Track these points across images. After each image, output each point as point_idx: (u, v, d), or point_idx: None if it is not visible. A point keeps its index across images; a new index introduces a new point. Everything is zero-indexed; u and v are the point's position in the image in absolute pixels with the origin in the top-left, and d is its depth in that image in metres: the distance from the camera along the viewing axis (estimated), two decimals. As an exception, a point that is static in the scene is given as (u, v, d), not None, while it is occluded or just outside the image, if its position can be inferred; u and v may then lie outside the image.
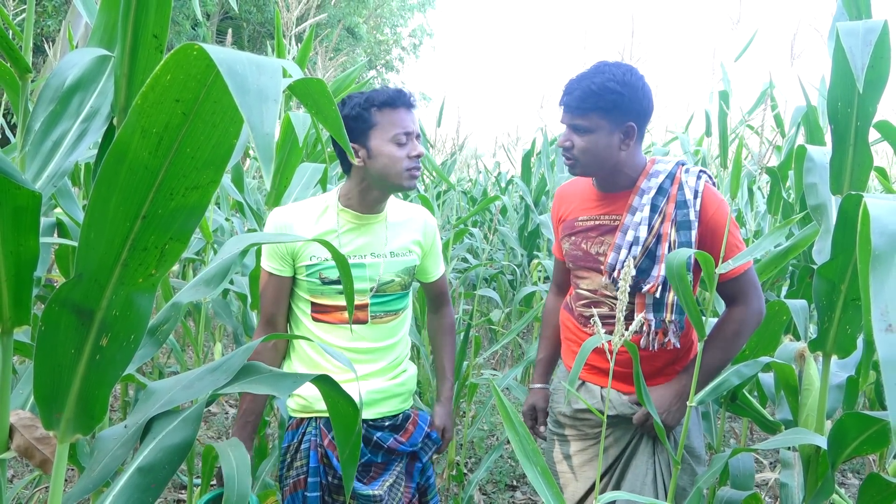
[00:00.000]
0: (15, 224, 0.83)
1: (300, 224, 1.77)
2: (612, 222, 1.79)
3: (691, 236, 1.68)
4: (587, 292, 1.85)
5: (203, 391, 1.05)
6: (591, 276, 1.83)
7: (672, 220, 1.70)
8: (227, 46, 1.52)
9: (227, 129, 0.73)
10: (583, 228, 1.85)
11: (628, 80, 1.67)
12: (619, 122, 1.69)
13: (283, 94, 0.83)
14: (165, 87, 0.68)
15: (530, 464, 1.18)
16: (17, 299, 0.88)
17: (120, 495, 0.94)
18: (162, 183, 0.75)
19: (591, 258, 1.82)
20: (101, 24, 1.00)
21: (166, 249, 0.80)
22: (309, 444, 1.78)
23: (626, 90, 1.66)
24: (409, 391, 1.90)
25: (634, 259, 1.70)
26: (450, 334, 2.08)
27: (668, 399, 1.74)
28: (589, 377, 1.88)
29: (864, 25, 1.32)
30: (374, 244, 1.80)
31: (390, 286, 1.81)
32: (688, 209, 1.69)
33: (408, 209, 1.92)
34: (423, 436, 1.88)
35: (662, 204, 1.72)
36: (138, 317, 0.85)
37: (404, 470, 1.85)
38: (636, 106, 1.69)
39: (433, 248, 1.95)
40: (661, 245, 1.70)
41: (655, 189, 1.72)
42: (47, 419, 0.88)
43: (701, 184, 1.73)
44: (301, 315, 1.81)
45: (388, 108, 1.70)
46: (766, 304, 1.80)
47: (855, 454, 1.48)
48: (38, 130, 0.91)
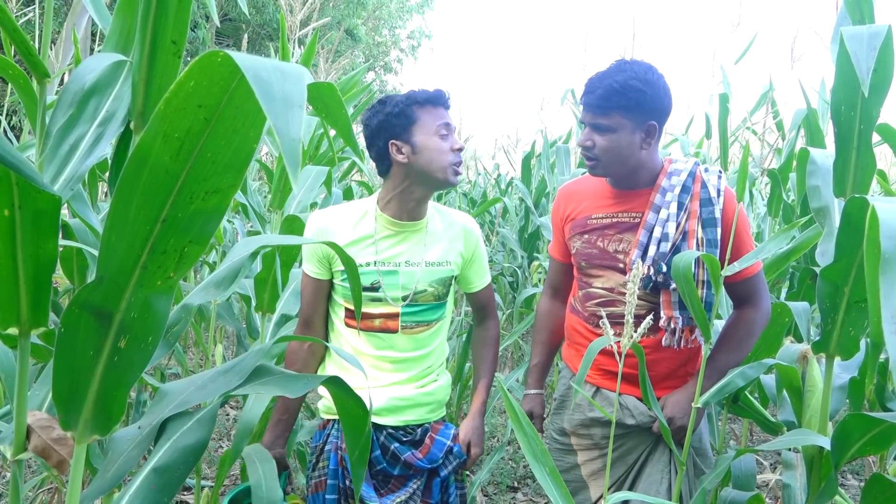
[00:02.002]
0: (35, 227, 0.84)
1: (338, 228, 1.75)
2: (631, 220, 1.77)
3: (717, 233, 1.69)
4: (602, 290, 1.82)
5: (216, 392, 1.06)
6: (607, 274, 1.81)
7: (698, 218, 1.71)
8: (230, 49, 1.51)
9: (248, 133, 0.74)
10: (598, 226, 1.82)
11: (650, 78, 1.66)
12: (642, 121, 1.68)
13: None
14: (189, 92, 0.69)
15: (539, 464, 1.19)
16: (35, 302, 0.89)
17: (136, 495, 0.96)
18: (182, 187, 0.76)
19: (609, 256, 1.80)
20: (116, 28, 1.02)
21: (185, 252, 0.81)
22: (331, 447, 1.77)
23: (648, 88, 1.65)
24: (437, 401, 1.85)
25: (664, 256, 1.70)
26: (490, 347, 1.99)
27: (684, 404, 1.72)
28: (604, 383, 1.84)
29: (869, 30, 1.33)
30: (411, 252, 1.77)
31: (423, 296, 1.78)
32: (713, 206, 1.70)
33: (449, 216, 1.88)
34: (443, 451, 1.81)
35: (687, 201, 1.72)
36: (156, 319, 0.86)
37: (423, 486, 1.81)
38: (658, 104, 1.68)
39: (475, 256, 1.89)
40: (686, 242, 1.70)
41: (680, 187, 1.72)
42: (65, 420, 0.89)
43: (722, 183, 1.74)
44: (336, 319, 1.81)
45: (429, 104, 1.71)
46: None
47: (858, 455, 1.49)
48: (56, 135, 0.92)
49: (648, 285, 1.73)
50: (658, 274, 1.70)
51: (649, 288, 1.74)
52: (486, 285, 1.94)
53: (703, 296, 1.70)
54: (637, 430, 1.78)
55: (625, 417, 1.78)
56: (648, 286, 1.73)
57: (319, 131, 2.88)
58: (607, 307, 1.81)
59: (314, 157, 2.94)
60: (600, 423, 1.83)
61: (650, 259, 1.70)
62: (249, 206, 2.91)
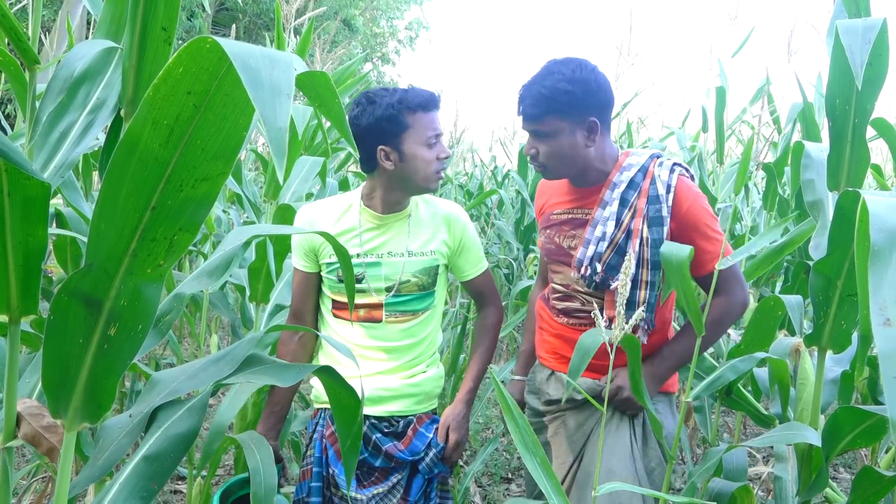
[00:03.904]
0: (24, 214, 0.83)
1: (322, 222, 1.77)
2: (584, 216, 1.76)
3: (663, 232, 1.64)
4: (560, 286, 1.82)
5: (207, 381, 1.06)
6: (563, 270, 1.80)
7: (643, 216, 1.66)
8: (228, 38, 1.49)
9: (238, 121, 0.74)
10: (557, 222, 1.82)
11: (578, 76, 1.63)
12: (579, 120, 1.65)
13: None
14: (178, 79, 0.68)
15: (530, 454, 1.19)
16: (24, 289, 0.89)
17: (126, 483, 0.96)
18: (172, 174, 0.76)
19: (564, 252, 1.79)
20: (107, 15, 1.01)
21: (175, 240, 0.81)
22: (318, 435, 1.79)
23: (577, 87, 1.62)
24: (424, 393, 1.83)
25: (601, 255, 1.67)
26: (485, 334, 1.95)
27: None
28: (558, 366, 1.85)
29: (864, 23, 1.33)
30: (394, 243, 1.77)
31: (406, 286, 1.77)
32: (660, 204, 1.65)
33: (434, 205, 1.87)
34: (426, 444, 1.79)
35: (633, 198, 1.68)
36: (146, 307, 0.86)
37: (404, 482, 1.79)
38: (592, 101, 1.65)
39: (463, 244, 1.87)
40: (631, 241, 1.66)
41: (626, 183, 1.68)
42: (55, 408, 0.89)
43: (674, 178, 1.67)
44: (325, 311, 1.82)
45: (421, 110, 1.69)
46: (761, 300, 1.79)
47: (849, 448, 1.50)
48: (45, 122, 0.91)
49: (591, 284, 1.72)
50: (595, 274, 1.69)
51: (592, 287, 1.72)
52: (480, 273, 1.92)
53: (645, 297, 1.68)
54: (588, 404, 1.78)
55: (575, 394, 1.78)
56: (591, 285, 1.72)
57: (315, 121, 2.87)
58: (564, 302, 1.81)
59: (309, 148, 2.93)
60: (556, 402, 1.84)
61: (588, 258, 1.69)
62: (244, 197, 2.91)
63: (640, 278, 1.68)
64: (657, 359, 1.73)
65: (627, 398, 1.69)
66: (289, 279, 2.36)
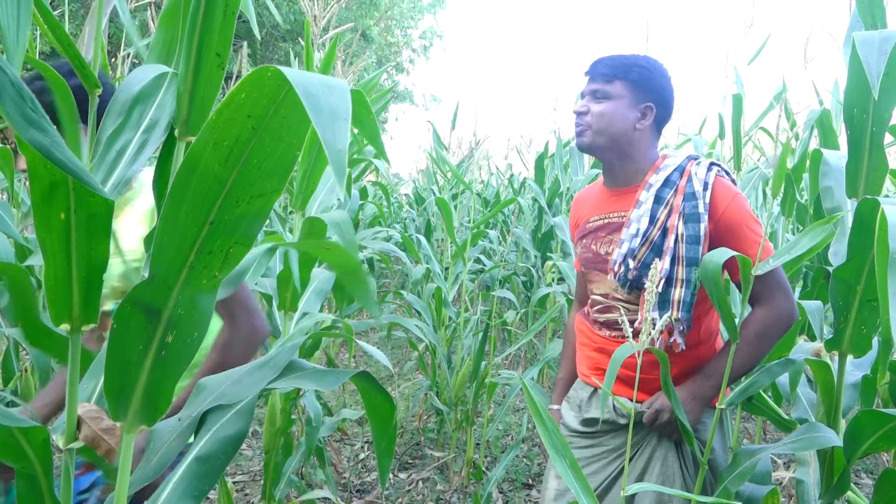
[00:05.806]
0: (88, 230, 0.89)
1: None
2: (619, 219, 1.72)
3: (700, 229, 1.60)
4: (600, 297, 1.78)
5: (252, 386, 1.11)
6: (600, 278, 1.76)
7: (679, 213, 1.62)
8: (240, 51, 1.49)
9: (292, 141, 0.79)
10: (593, 229, 1.79)
11: (658, 66, 1.70)
12: (641, 99, 1.69)
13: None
14: (240, 103, 0.74)
15: (559, 456, 1.22)
16: (86, 300, 0.95)
17: (179, 483, 1.01)
18: (230, 191, 0.81)
19: (601, 259, 1.75)
20: (159, 40, 1.07)
21: (230, 253, 0.86)
22: None
23: (653, 72, 1.69)
24: None
25: (634, 253, 1.63)
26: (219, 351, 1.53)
27: (680, 398, 1.64)
28: (601, 382, 1.75)
29: (880, 35, 1.37)
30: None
31: None
32: (696, 201, 1.61)
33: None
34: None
35: (669, 196, 1.64)
36: (201, 315, 0.91)
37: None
38: (660, 90, 1.70)
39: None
40: (667, 238, 1.62)
41: (662, 181, 1.66)
42: (115, 411, 0.94)
43: (711, 175, 1.65)
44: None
45: None
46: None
47: (871, 451, 1.52)
48: (105, 141, 0.97)
49: (626, 285, 1.68)
50: (629, 271, 1.65)
51: (626, 287, 1.68)
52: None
53: (680, 295, 1.62)
54: (633, 429, 1.74)
55: (618, 417, 1.74)
56: (626, 286, 1.68)
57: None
58: (604, 314, 1.76)
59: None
60: (597, 421, 1.78)
61: (622, 256, 1.65)
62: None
63: (675, 276, 1.63)
64: (699, 377, 1.66)
65: (668, 421, 1.63)
66: (316, 287, 2.41)
